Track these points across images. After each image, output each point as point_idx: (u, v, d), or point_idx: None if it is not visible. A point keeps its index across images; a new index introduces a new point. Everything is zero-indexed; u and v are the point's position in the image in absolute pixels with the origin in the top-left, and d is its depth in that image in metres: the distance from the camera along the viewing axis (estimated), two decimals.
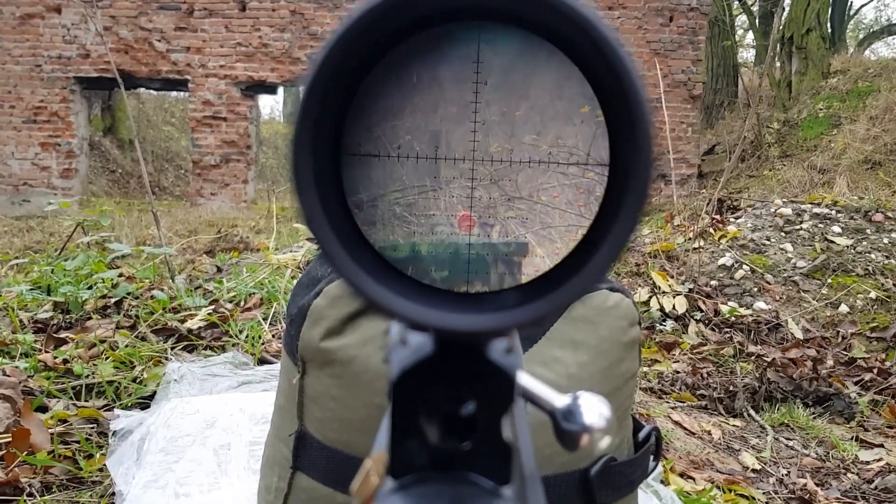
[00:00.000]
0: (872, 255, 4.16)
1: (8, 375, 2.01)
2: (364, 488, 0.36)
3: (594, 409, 0.39)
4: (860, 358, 3.21)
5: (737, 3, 16.38)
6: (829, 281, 3.99)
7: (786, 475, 2.11)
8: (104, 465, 1.61)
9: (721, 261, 4.17)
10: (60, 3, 10.07)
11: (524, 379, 0.40)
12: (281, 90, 11.43)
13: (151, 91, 13.13)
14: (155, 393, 1.99)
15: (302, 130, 0.27)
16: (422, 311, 0.28)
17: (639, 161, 0.27)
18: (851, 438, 2.45)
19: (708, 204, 5.03)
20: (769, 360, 3.02)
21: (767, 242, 4.35)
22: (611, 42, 0.27)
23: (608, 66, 0.27)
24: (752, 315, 3.60)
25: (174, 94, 16.06)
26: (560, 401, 0.39)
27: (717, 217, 4.82)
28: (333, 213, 0.28)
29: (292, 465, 1.02)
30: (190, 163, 10.58)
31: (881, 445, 2.41)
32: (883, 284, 3.93)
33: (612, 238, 0.27)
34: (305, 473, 1.01)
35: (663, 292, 3.67)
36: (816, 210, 4.62)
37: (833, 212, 4.59)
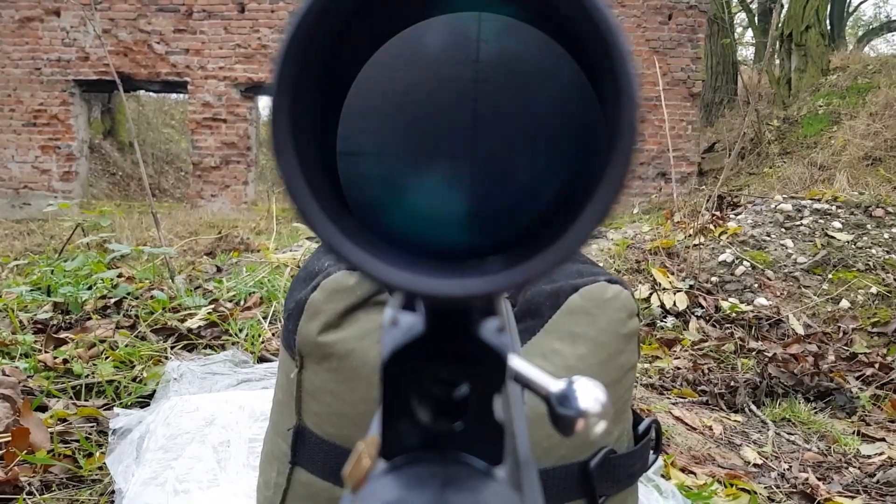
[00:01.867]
0: (873, 251, 4.16)
1: (8, 375, 2.01)
2: (356, 470, 0.36)
3: (590, 394, 0.39)
4: (861, 353, 3.21)
5: (736, 0, 16.38)
6: (830, 276, 3.98)
7: (787, 470, 2.11)
8: (104, 463, 1.61)
9: (721, 257, 4.17)
10: (59, 5, 10.07)
11: (519, 364, 0.40)
12: None
13: (151, 93, 13.16)
14: (155, 392, 1.99)
15: (280, 100, 0.26)
16: (406, 277, 0.28)
17: (622, 123, 0.27)
18: (853, 433, 2.45)
19: (708, 201, 5.02)
20: (770, 355, 3.02)
21: (768, 238, 4.35)
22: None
23: (586, 17, 0.26)
24: (752, 311, 3.59)
25: (174, 96, 16.06)
26: (555, 385, 0.40)
27: (718, 213, 4.82)
28: (312, 174, 0.28)
29: (291, 460, 1.02)
30: (190, 165, 10.58)
31: (882, 440, 2.41)
32: (884, 279, 3.92)
33: (597, 200, 0.27)
34: (304, 468, 1.00)
35: (664, 289, 3.67)
36: (817, 206, 4.61)
37: (833, 207, 4.59)
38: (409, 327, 0.34)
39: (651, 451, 1.10)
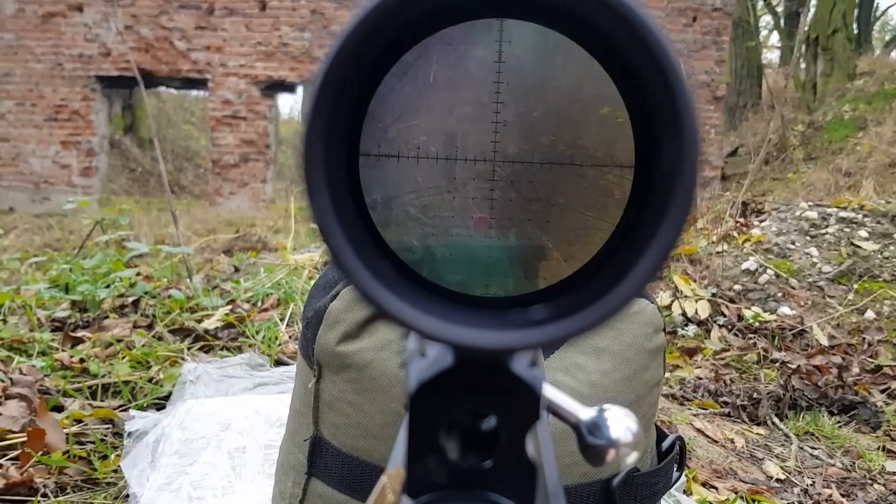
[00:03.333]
0: None
1: (24, 374, 2.01)
2: None
3: (621, 423, 0.38)
4: (887, 365, 3.15)
5: (761, 3, 16.26)
6: (856, 286, 3.92)
7: (811, 485, 2.06)
8: (119, 466, 1.60)
9: (745, 265, 4.12)
10: (82, 1, 10.15)
11: (547, 390, 0.39)
12: (300, 89, 11.47)
13: (171, 90, 13.23)
14: (171, 393, 1.98)
15: (313, 133, 0.25)
16: (443, 327, 0.25)
17: (684, 160, 0.24)
18: (878, 448, 2.40)
19: (732, 207, 4.97)
20: (794, 366, 2.97)
21: (792, 246, 4.29)
22: (650, 26, 0.25)
23: (645, 52, 0.24)
24: (776, 320, 3.54)
25: (194, 93, 16.16)
26: (585, 413, 0.38)
27: (741, 220, 4.76)
28: (347, 218, 0.26)
29: (307, 471, 1.00)
30: (209, 162, 10.63)
31: None
32: None
33: (654, 248, 0.25)
34: (320, 479, 0.99)
35: (685, 296, 3.63)
36: (842, 214, 4.54)
37: (859, 216, 4.52)
38: (437, 359, 0.33)
39: (675, 469, 1.07)
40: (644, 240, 0.25)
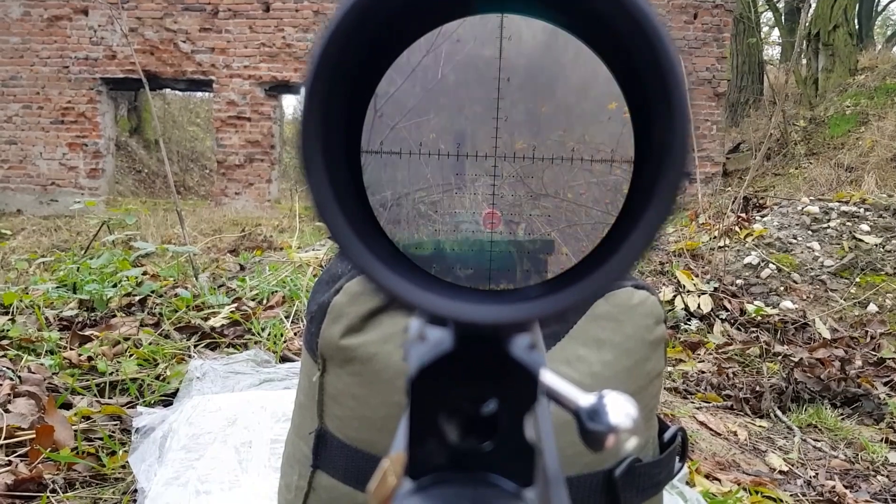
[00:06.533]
0: None
1: (33, 372, 2.03)
2: (381, 489, 0.35)
3: (620, 409, 0.38)
4: (889, 358, 3.16)
5: None
6: (858, 280, 3.92)
7: (814, 477, 2.07)
8: (126, 462, 1.61)
9: (747, 259, 4.12)
10: (87, 4, 10.17)
11: (548, 377, 0.39)
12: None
13: (176, 91, 13.24)
14: (178, 390, 2.00)
15: (310, 118, 0.26)
16: (441, 303, 0.27)
17: (674, 141, 0.25)
18: (881, 440, 2.41)
19: (734, 202, 4.97)
20: (796, 360, 2.98)
21: (794, 241, 4.29)
22: (644, 9, 0.25)
23: (638, 33, 0.25)
24: (778, 314, 3.55)
25: (199, 94, 16.16)
26: (585, 400, 0.39)
27: (743, 215, 4.76)
28: (348, 205, 0.27)
29: (312, 464, 1.01)
30: (214, 162, 10.65)
31: None
32: None
33: (642, 228, 0.26)
34: (326, 472, 1.00)
35: (688, 291, 3.63)
36: (844, 208, 4.55)
37: (861, 210, 4.52)
38: (437, 343, 0.33)
39: (677, 460, 1.08)
40: (636, 220, 0.26)
